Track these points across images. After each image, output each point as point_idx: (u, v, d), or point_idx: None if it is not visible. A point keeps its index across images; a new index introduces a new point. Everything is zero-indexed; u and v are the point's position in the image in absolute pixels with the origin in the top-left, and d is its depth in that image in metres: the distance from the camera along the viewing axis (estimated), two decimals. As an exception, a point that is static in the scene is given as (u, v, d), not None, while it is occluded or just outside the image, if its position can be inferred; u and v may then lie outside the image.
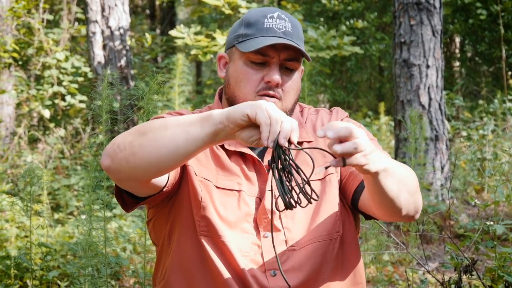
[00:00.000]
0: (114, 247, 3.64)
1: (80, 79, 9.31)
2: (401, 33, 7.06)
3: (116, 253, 4.80)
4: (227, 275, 2.03)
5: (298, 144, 1.77)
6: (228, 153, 2.15)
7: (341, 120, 2.26)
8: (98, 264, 3.40)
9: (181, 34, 8.48)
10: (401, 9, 7.07)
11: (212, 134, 1.81)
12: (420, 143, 6.11)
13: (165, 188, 2.03)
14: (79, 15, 10.71)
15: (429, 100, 6.93)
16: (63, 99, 9.29)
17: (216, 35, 8.03)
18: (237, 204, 2.09)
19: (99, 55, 8.76)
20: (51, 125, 9.29)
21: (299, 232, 2.10)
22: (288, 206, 1.76)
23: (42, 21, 9.73)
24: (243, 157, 2.15)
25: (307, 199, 1.76)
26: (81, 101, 9.23)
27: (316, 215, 2.12)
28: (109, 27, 8.74)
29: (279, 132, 1.73)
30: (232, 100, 2.14)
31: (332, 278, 2.10)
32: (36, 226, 3.99)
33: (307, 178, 1.76)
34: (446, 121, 7.08)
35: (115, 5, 8.73)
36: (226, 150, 2.16)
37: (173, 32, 8.55)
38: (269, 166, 1.79)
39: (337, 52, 8.87)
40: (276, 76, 2.08)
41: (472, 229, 5.58)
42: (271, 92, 2.09)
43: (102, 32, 8.75)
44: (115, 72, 3.46)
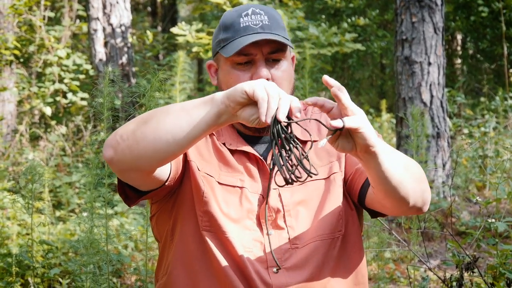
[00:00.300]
0: (116, 244, 3.63)
1: (82, 76, 9.31)
2: (403, 30, 7.06)
3: (118, 250, 4.80)
4: (229, 270, 2.03)
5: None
6: (231, 151, 2.15)
7: None
8: (99, 262, 3.41)
9: (182, 31, 8.48)
10: (403, 6, 7.07)
11: (215, 115, 1.81)
12: (422, 140, 6.11)
13: (167, 182, 2.03)
14: (81, 12, 10.70)
15: (431, 98, 6.93)
16: (65, 97, 9.29)
17: (218, 33, 8.01)
18: (239, 201, 2.09)
19: (100, 52, 8.76)
20: (53, 122, 9.29)
21: (302, 230, 2.09)
22: (288, 181, 1.76)
23: (44, 19, 9.73)
24: (247, 156, 2.15)
25: (307, 173, 1.75)
26: (82, 99, 9.23)
27: (319, 213, 2.11)
28: (110, 25, 8.74)
29: (277, 108, 1.73)
30: None
31: (334, 277, 2.10)
32: (37, 223, 4.00)
33: (305, 153, 1.76)
34: (447, 119, 7.08)
35: (117, 2, 8.72)
36: (229, 149, 2.16)
37: (174, 30, 8.55)
38: (270, 141, 1.78)
39: (339, 49, 8.87)
40: (263, 72, 2.07)
41: (474, 227, 5.59)
42: None
43: (104, 29, 8.74)
44: (117, 70, 3.46)
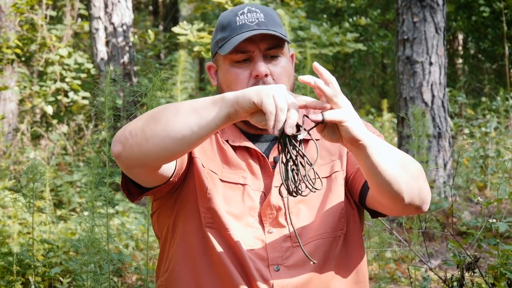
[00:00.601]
0: (117, 243, 3.64)
1: (83, 75, 9.31)
2: (404, 30, 7.05)
3: (119, 249, 4.80)
4: (231, 267, 2.03)
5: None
6: (234, 147, 2.16)
7: None
8: (100, 261, 3.41)
9: (184, 30, 8.48)
10: (404, 6, 7.07)
11: (225, 117, 1.82)
12: (423, 140, 6.11)
13: (171, 178, 2.04)
14: (82, 11, 10.70)
15: (432, 97, 6.93)
16: (66, 96, 9.30)
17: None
18: (242, 198, 2.10)
19: (102, 51, 8.76)
20: (54, 121, 9.29)
21: (304, 228, 2.10)
22: (291, 193, 1.80)
23: (45, 17, 9.73)
24: (249, 152, 2.16)
25: (310, 189, 1.79)
26: (84, 98, 9.23)
27: (320, 212, 2.12)
28: (112, 24, 8.74)
29: (285, 121, 1.74)
30: None
31: (335, 275, 2.10)
32: (38, 222, 4.00)
33: (311, 165, 1.79)
34: (449, 118, 7.07)
35: (118, 1, 8.72)
36: (232, 145, 2.16)
37: (176, 29, 8.55)
38: (279, 153, 1.82)
39: (340, 48, 8.87)
40: (262, 68, 2.07)
41: (475, 227, 5.59)
42: (263, 85, 2.09)
43: (105, 28, 8.74)
44: (118, 69, 3.47)
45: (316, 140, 2.14)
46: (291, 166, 1.79)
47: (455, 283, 3.23)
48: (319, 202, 2.13)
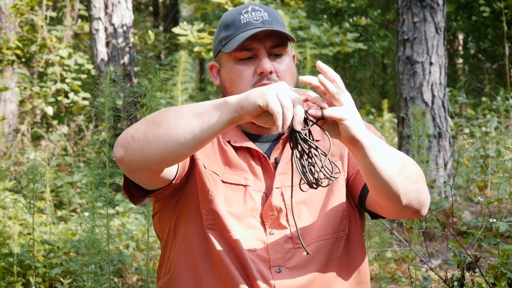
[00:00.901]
0: (117, 244, 3.63)
1: (83, 76, 9.31)
2: (404, 30, 7.05)
3: (119, 250, 4.80)
4: (232, 268, 2.03)
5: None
6: (236, 148, 2.16)
7: None
8: (101, 262, 3.41)
9: (184, 31, 8.48)
10: (405, 6, 7.07)
11: (228, 122, 1.83)
12: (423, 140, 6.11)
13: (174, 180, 2.04)
14: (82, 12, 10.70)
15: (432, 97, 6.93)
16: (66, 96, 9.30)
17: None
18: (243, 199, 2.10)
19: (102, 52, 8.76)
20: (54, 122, 9.29)
21: (305, 229, 2.09)
22: (311, 186, 1.81)
23: (45, 18, 9.73)
24: (250, 153, 2.16)
25: (328, 178, 1.81)
26: (84, 98, 9.23)
27: (322, 213, 2.11)
28: (112, 24, 8.74)
29: (293, 118, 1.75)
30: None
31: (337, 276, 2.10)
32: (39, 223, 4.00)
33: (326, 155, 1.81)
34: (449, 118, 7.07)
35: (118, 2, 8.72)
36: (233, 146, 2.16)
37: (176, 29, 8.55)
38: (291, 149, 1.83)
39: (340, 48, 8.87)
40: (267, 65, 2.08)
41: (475, 226, 5.59)
42: (267, 82, 2.09)
43: (105, 29, 8.74)
44: (118, 69, 3.47)
45: (317, 140, 2.14)
46: (306, 159, 1.81)
47: (455, 283, 3.23)
48: (321, 203, 2.13)
